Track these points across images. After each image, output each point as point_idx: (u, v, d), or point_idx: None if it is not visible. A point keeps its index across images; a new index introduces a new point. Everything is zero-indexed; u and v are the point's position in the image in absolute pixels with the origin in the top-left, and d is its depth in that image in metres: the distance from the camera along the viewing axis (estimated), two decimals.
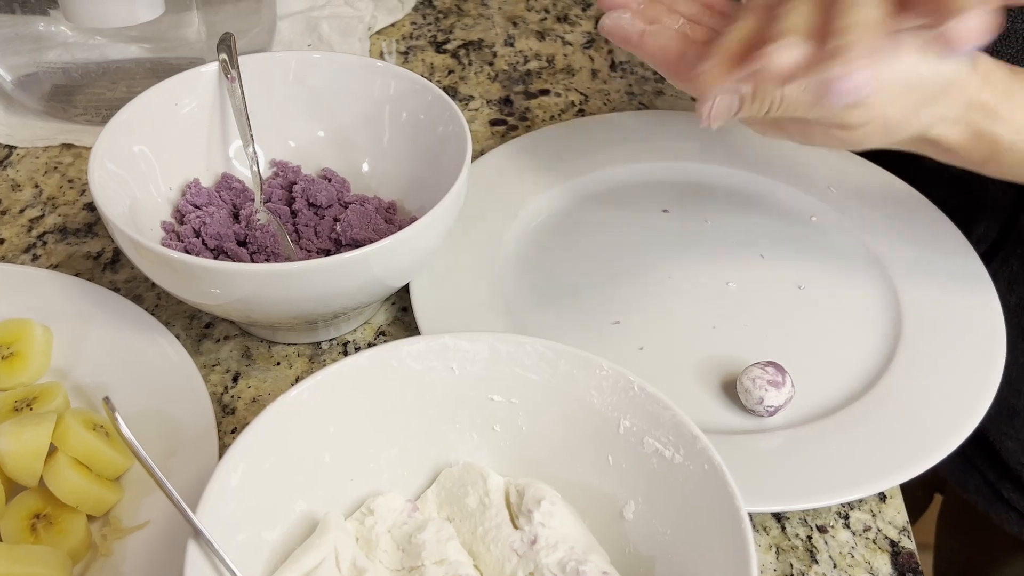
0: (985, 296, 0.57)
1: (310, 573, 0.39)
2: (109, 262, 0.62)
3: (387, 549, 0.42)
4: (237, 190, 0.59)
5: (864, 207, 0.64)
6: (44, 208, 0.66)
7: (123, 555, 0.44)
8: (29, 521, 0.45)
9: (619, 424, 0.42)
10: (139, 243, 0.48)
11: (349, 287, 0.49)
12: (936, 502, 0.91)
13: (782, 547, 0.48)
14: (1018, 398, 0.65)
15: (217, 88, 0.59)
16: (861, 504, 0.50)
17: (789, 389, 0.51)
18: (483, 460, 0.45)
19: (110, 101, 0.71)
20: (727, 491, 0.38)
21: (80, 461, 0.45)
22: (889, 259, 0.61)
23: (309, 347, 0.57)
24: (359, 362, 0.43)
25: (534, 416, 0.44)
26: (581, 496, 0.43)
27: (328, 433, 0.42)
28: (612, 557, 0.42)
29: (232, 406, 0.54)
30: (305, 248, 0.56)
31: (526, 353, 0.44)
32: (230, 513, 0.38)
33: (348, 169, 0.61)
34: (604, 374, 0.43)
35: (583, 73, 0.80)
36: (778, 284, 0.60)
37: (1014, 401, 0.65)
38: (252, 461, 0.39)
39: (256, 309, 0.50)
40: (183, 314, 0.58)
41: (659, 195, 0.66)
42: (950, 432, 0.50)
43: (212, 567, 0.37)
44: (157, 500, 0.46)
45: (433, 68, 0.80)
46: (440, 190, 0.51)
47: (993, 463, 0.69)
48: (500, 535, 0.42)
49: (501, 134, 0.73)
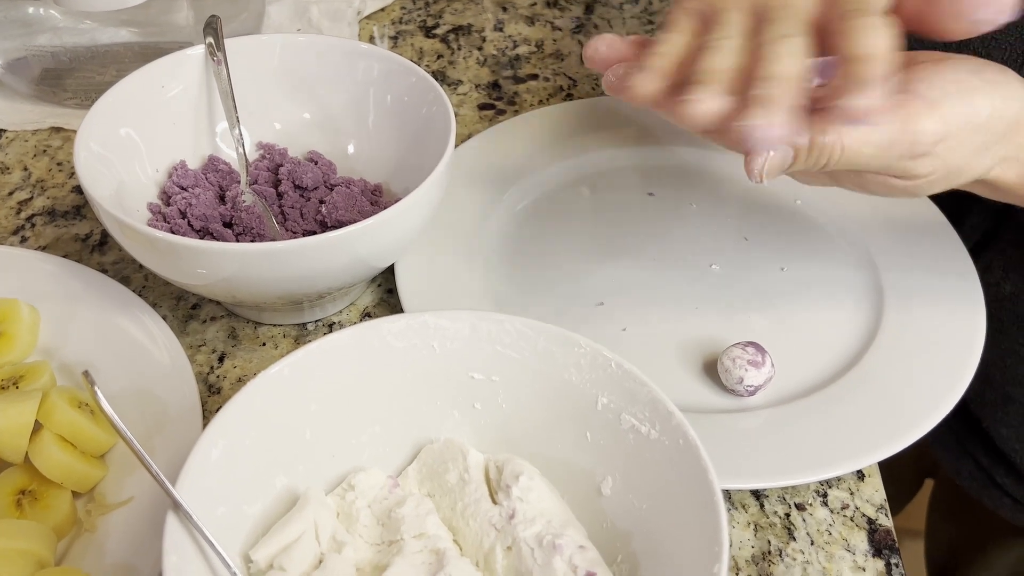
0: (966, 278, 0.58)
1: (290, 546, 0.40)
2: (97, 244, 0.62)
3: (367, 524, 0.42)
4: (223, 172, 0.59)
5: (848, 191, 0.64)
6: (33, 191, 0.66)
7: (107, 531, 0.45)
8: (14, 497, 0.45)
9: (597, 401, 0.43)
10: (125, 224, 0.48)
11: (333, 267, 0.50)
12: (927, 488, 0.91)
13: (760, 524, 0.48)
14: (1013, 385, 0.65)
15: (203, 71, 0.59)
16: (839, 482, 0.50)
17: (769, 369, 0.52)
18: (464, 437, 0.45)
19: (99, 85, 0.71)
20: (701, 466, 0.39)
21: (65, 438, 0.46)
22: (871, 241, 0.61)
23: (295, 328, 0.57)
24: (340, 340, 0.43)
25: (514, 393, 0.45)
26: (560, 472, 0.44)
27: (310, 410, 0.43)
28: (589, 532, 0.42)
29: (218, 386, 0.54)
30: (291, 230, 0.57)
31: (506, 331, 0.44)
32: (210, 487, 0.39)
33: (334, 151, 0.62)
34: (582, 352, 0.43)
35: (572, 58, 0.80)
36: (761, 266, 0.60)
37: (1010, 389, 0.65)
38: (233, 437, 0.40)
39: (241, 289, 0.50)
40: (170, 295, 0.59)
41: (644, 178, 0.67)
42: (928, 412, 0.50)
43: (191, 539, 0.37)
44: (141, 477, 0.46)
45: (422, 53, 0.81)
46: (425, 172, 0.51)
47: (987, 450, 0.69)
48: (479, 510, 0.42)
49: (489, 118, 0.74)
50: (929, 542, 0.89)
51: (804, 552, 0.47)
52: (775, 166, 0.42)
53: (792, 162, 0.42)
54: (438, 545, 0.41)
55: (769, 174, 0.42)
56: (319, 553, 0.40)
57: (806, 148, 0.42)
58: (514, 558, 0.41)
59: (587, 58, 0.47)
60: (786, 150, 0.42)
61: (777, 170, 0.43)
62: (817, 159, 0.42)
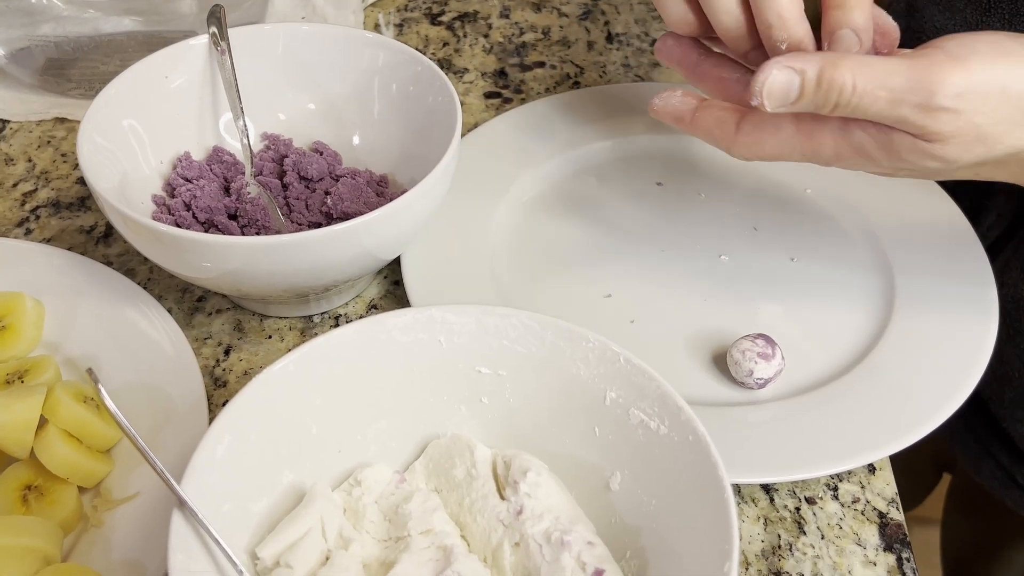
0: (980, 271, 0.57)
1: (296, 543, 0.39)
2: (102, 236, 0.62)
3: (374, 520, 0.42)
4: (228, 163, 0.59)
5: (858, 179, 0.64)
6: (37, 182, 0.66)
7: (113, 526, 0.45)
8: (20, 492, 0.45)
9: (605, 396, 0.42)
10: (128, 217, 0.48)
11: (339, 260, 0.49)
12: (944, 480, 0.90)
13: (770, 518, 0.48)
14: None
15: (207, 61, 0.59)
16: (850, 476, 0.50)
17: (779, 362, 0.51)
18: (471, 432, 0.45)
19: (104, 75, 0.71)
20: (711, 461, 0.38)
21: (70, 433, 0.46)
22: (883, 232, 0.60)
23: (301, 320, 0.57)
24: (346, 334, 0.43)
25: (521, 388, 0.44)
26: (568, 467, 0.44)
27: (315, 405, 0.43)
28: (598, 528, 0.42)
29: (224, 379, 0.54)
30: (296, 221, 0.56)
31: (513, 325, 0.44)
32: (216, 484, 0.38)
33: (339, 142, 0.61)
34: (590, 346, 0.43)
35: (579, 45, 0.79)
36: (771, 257, 0.60)
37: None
38: (238, 433, 0.40)
39: (247, 282, 0.50)
40: (175, 288, 0.58)
41: (653, 168, 0.66)
42: (940, 404, 0.50)
43: (197, 537, 0.37)
44: (147, 472, 0.46)
45: (428, 40, 0.80)
46: (431, 162, 0.51)
47: (1009, 449, 0.68)
48: (487, 506, 0.42)
49: (496, 107, 0.73)
50: (945, 536, 0.89)
51: (814, 546, 0.47)
52: (778, 89, 0.41)
53: (799, 94, 0.41)
54: (445, 541, 0.40)
55: (771, 97, 0.41)
56: (326, 550, 0.40)
57: (814, 81, 0.40)
58: (522, 554, 0.40)
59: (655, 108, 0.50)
60: (791, 74, 0.41)
61: (780, 95, 0.41)
62: (826, 95, 0.41)
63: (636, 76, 0.76)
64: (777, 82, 0.41)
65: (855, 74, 0.40)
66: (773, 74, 0.41)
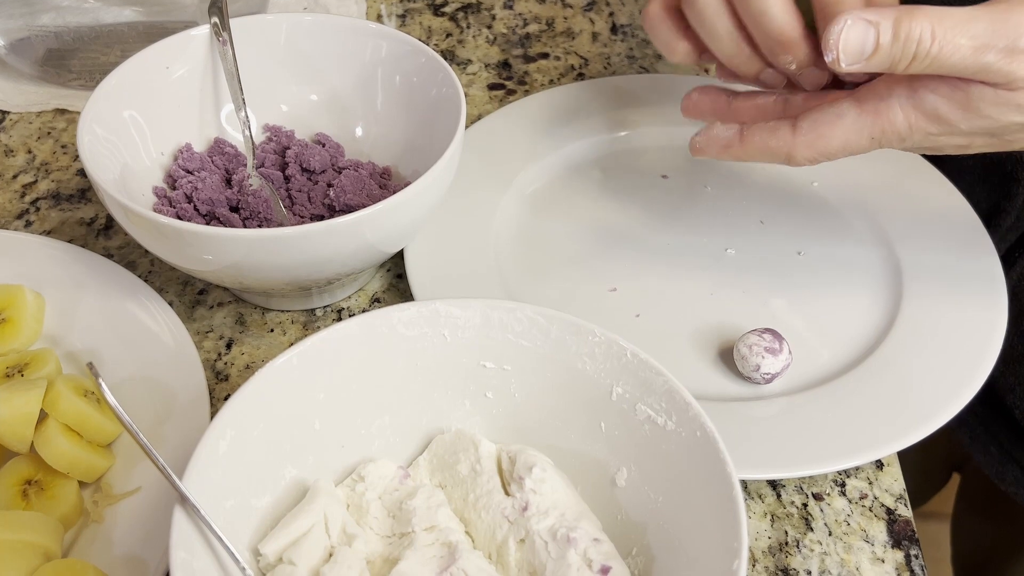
0: (987, 264, 0.56)
1: (299, 539, 0.39)
2: (102, 228, 0.61)
3: (377, 516, 0.42)
4: (230, 155, 0.58)
5: (865, 172, 0.63)
6: (37, 174, 0.65)
7: (115, 521, 0.44)
8: (20, 487, 0.45)
9: (611, 391, 0.42)
10: (129, 209, 0.47)
11: (342, 253, 0.49)
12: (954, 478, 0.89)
13: (777, 515, 0.48)
14: None
15: (208, 51, 0.58)
16: (858, 472, 0.49)
17: (786, 356, 0.50)
18: (475, 427, 0.45)
19: (104, 65, 0.70)
20: (719, 458, 0.38)
21: (71, 427, 0.45)
22: (890, 225, 0.60)
23: (303, 314, 0.56)
24: (349, 328, 0.42)
25: (526, 383, 0.44)
26: (573, 463, 0.43)
27: (318, 400, 0.42)
28: (604, 524, 0.41)
29: (225, 373, 0.53)
30: (298, 214, 0.56)
31: (518, 319, 0.43)
32: (218, 480, 0.38)
33: (342, 134, 0.60)
34: (596, 340, 0.42)
35: (583, 36, 0.79)
36: (777, 250, 0.59)
37: None
38: (240, 428, 0.39)
39: (248, 275, 0.49)
40: (176, 281, 0.58)
41: (658, 160, 0.65)
42: (948, 400, 0.49)
43: (199, 533, 0.36)
44: (148, 467, 0.45)
45: (431, 31, 0.79)
46: (435, 154, 0.50)
47: None
48: (491, 502, 0.41)
49: (499, 98, 0.72)
50: (957, 537, 0.87)
51: (822, 543, 0.46)
52: (853, 44, 0.39)
53: (874, 50, 0.39)
54: (450, 538, 0.40)
55: (846, 52, 0.39)
56: (329, 546, 0.40)
57: (891, 32, 0.38)
58: (527, 551, 0.40)
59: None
60: (866, 27, 0.39)
61: (856, 51, 0.39)
62: (904, 47, 0.38)
63: (641, 68, 0.75)
64: (852, 35, 0.39)
65: (933, 23, 0.38)
66: (848, 25, 0.39)
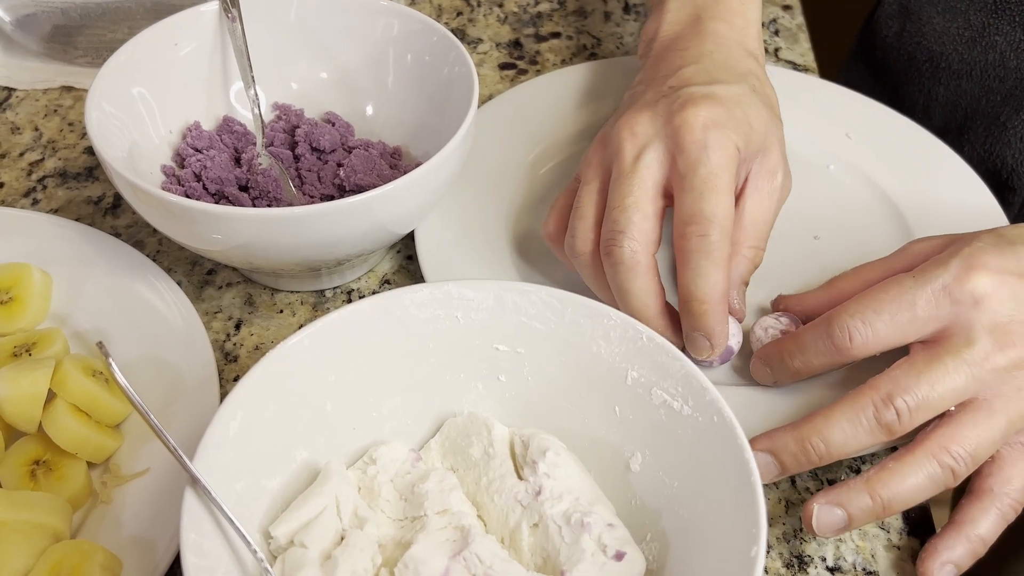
0: None
1: (311, 522, 0.39)
2: (110, 207, 0.61)
3: (389, 499, 0.41)
4: (239, 133, 0.58)
5: (882, 154, 0.62)
6: (44, 152, 0.65)
7: (123, 502, 0.44)
8: (28, 467, 0.44)
9: (627, 375, 0.41)
10: (138, 187, 0.46)
11: (352, 233, 0.48)
12: None
13: (792, 501, 0.47)
14: None
15: (218, 28, 0.57)
16: (873, 458, 0.49)
17: None
18: (488, 410, 0.44)
19: (111, 42, 0.69)
20: (737, 444, 0.37)
21: (79, 407, 0.45)
22: (907, 208, 0.59)
23: (313, 295, 0.56)
24: (361, 309, 0.42)
25: (540, 366, 0.43)
26: (587, 447, 0.43)
27: (329, 381, 0.42)
28: (618, 509, 0.41)
29: (234, 354, 0.53)
30: (308, 193, 0.55)
31: (531, 302, 0.42)
32: (229, 461, 0.37)
33: (352, 113, 0.60)
34: (612, 323, 0.42)
35: (596, 15, 0.77)
36: (794, 234, 0.58)
37: None
38: (251, 409, 0.39)
39: (258, 255, 0.49)
40: (185, 260, 0.57)
41: None
42: None
43: (210, 515, 0.36)
44: (157, 447, 0.45)
45: (441, 10, 0.78)
46: (446, 134, 0.49)
47: None
48: (504, 486, 0.41)
49: (510, 78, 0.71)
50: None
51: None
52: (825, 524, 0.43)
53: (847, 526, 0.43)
54: (462, 522, 0.39)
55: (820, 530, 0.42)
56: (341, 529, 0.39)
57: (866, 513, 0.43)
58: (541, 536, 0.39)
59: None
60: (831, 508, 0.43)
61: (830, 528, 0.43)
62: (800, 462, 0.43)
63: None
64: (824, 519, 0.42)
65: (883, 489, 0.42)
66: (816, 511, 0.42)
